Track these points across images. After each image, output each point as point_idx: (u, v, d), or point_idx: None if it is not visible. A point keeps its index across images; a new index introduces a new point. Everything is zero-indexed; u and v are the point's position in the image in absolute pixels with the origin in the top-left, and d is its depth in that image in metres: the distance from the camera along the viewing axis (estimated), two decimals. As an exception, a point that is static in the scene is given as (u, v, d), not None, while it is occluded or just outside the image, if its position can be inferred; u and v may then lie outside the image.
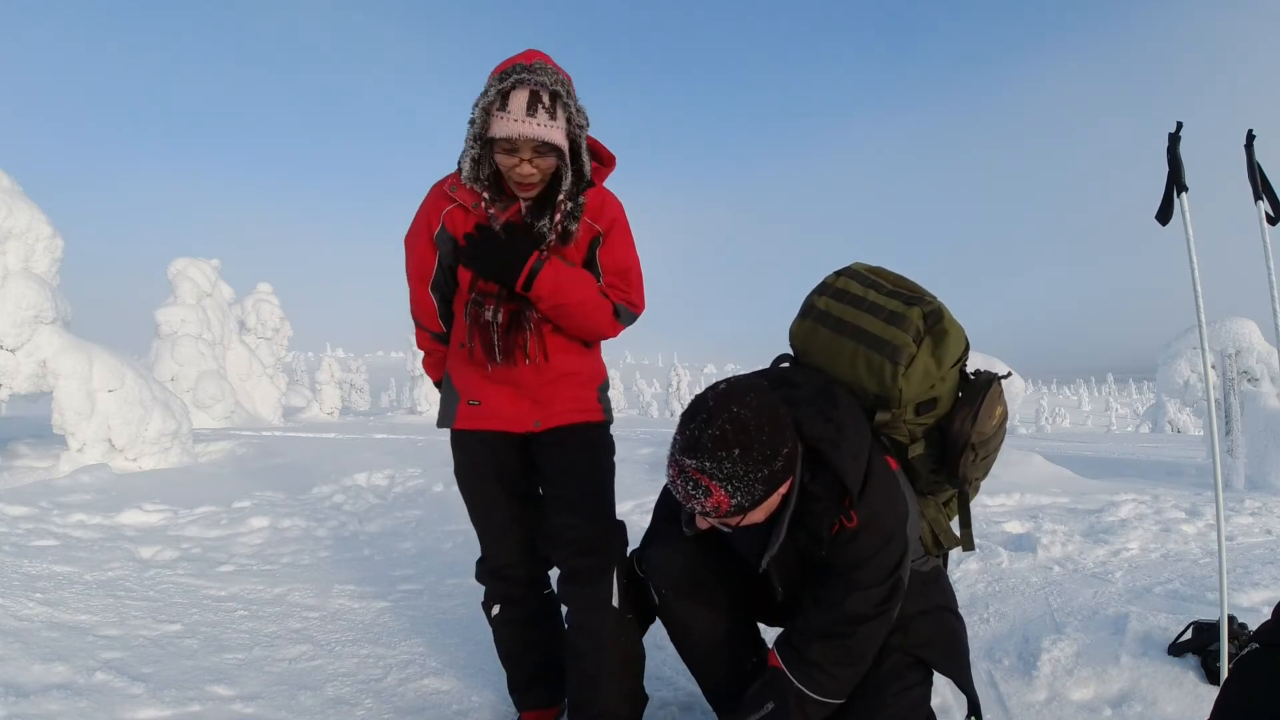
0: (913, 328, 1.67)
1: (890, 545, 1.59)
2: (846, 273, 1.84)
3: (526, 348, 1.89)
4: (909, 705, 1.65)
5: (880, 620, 1.61)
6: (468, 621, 3.00)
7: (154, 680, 2.37)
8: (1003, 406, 1.77)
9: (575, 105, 1.80)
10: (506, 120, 1.72)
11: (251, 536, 4.54)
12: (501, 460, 2.02)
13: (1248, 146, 2.29)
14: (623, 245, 1.98)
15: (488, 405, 1.98)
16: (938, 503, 1.86)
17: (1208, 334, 2.37)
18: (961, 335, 1.73)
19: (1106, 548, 4.12)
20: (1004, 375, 1.81)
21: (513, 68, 1.74)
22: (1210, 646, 2.33)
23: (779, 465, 1.51)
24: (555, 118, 1.74)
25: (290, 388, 24.15)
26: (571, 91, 1.80)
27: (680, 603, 1.86)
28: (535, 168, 1.78)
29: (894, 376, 1.66)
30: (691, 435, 1.51)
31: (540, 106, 1.72)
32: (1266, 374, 8.63)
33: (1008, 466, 7.21)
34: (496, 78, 1.75)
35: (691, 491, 1.51)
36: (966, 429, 1.69)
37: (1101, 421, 47.07)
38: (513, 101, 1.72)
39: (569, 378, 1.99)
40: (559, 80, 1.76)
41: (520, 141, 1.74)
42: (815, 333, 1.78)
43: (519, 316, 1.89)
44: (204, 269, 17.71)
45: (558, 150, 1.78)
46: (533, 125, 1.71)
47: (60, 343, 7.57)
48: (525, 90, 1.71)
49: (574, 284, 1.88)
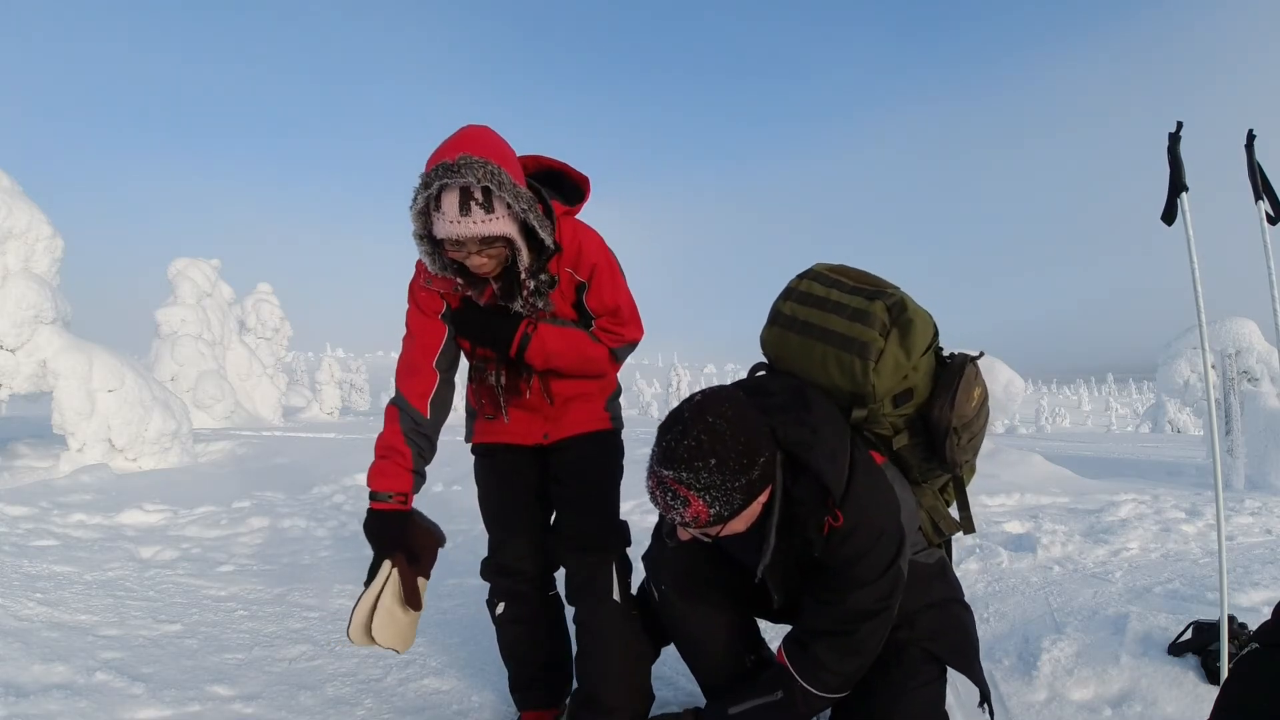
0: (878, 322, 1.68)
1: (883, 539, 1.60)
2: (809, 275, 1.85)
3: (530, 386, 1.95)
4: (927, 702, 1.65)
5: (883, 615, 1.62)
6: (468, 621, 3.00)
7: (154, 680, 2.37)
8: (981, 387, 1.78)
9: (511, 192, 1.68)
10: (443, 222, 1.67)
11: (251, 536, 4.54)
12: (516, 464, 2.08)
13: (1248, 146, 2.29)
14: (609, 287, 1.95)
15: (500, 421, 2.04)
16: (934, 490, 1.87)
17: (1208, 334, 2.37)
18: (928, 322, 1.75)
19: (1106, 548, 4.12)
20: (977, 356, 1.81)
21: (435, 170, 1.64)
22: (1210, 646, 2.33)
23: (756, 474, 1.52)
24: (492, 210, 1.67)
25: (290, 388, 24.15)
26: (505, 179, 1.67)
27: (681, 599, 1.87)
28: (487, 257, 1.76)
29: (865, 372, 1.67)
30: (667, 446, 1.52)
31: (474, 203, 1.64)
32: (1266, 374, 8.64)
33: (1008, 466, 7.21)
34: (422, 183, 1.67)
35: (670, 502, 1.53)
36: (946, 414, 1.71)
37: (1101, 421, 47.07)
38: (445, 203, 1.65)
39: (578, 397, 2.04)
40: (488, 172, 1.65)
41: (464, 240, 1.70)
42: (785, 338, 1.80)
43: (518, 374, 1.95)
44: (204, 269, 17.71)
45: (506, 238, 1.73)
46: (469, 224, 1.66)
47: (60, 343, 7.57)
48: (454, 191, 1.64)
49: (565, 345, 1.90)
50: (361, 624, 1.77)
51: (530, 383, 1.96)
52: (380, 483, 1.86)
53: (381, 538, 1.85)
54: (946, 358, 1.81)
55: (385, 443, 1.88)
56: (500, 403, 1.98)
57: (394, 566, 1.81)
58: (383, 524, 1.85)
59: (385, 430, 1.89)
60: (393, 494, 1.85)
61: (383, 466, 1.86)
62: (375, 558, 1.85)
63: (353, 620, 1.77)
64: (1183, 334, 12.26)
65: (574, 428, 2.03)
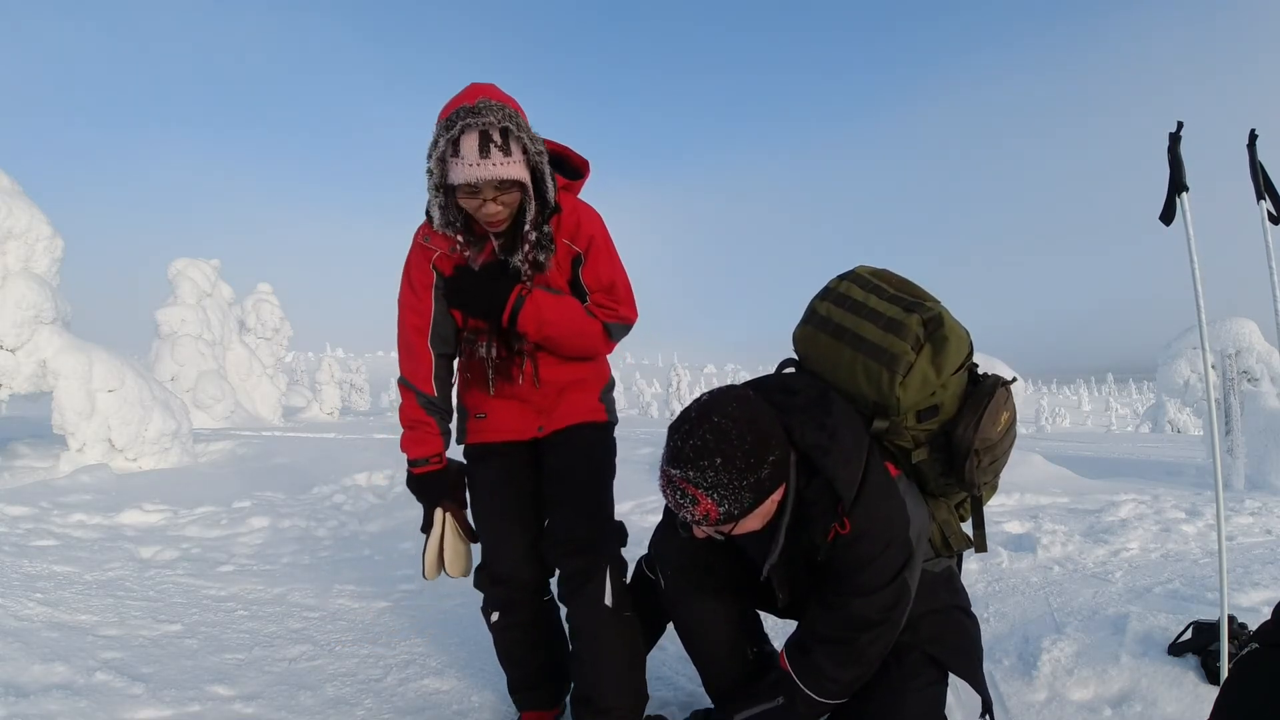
0: (911, 335, 1.65)
1: (890, 550, 1.59)
2: (849, 277, 1.82)
3: (522, 370, 1.95)
4: (927, 703, 1.65)
5: (885, 626, 1.61)
6: (468, 622, 3.00)
7: (154, 680, 2.37)
8: (1009, 412, 1.75)
9: (528, 134, 1.77)
10: (462, 165, 1.70)
11: (251, 536, 4.54)
12: (509, 470, 2.06)
13: (1250, 146, 2.29)
14: (605, 261, 1.97)
15: (493, 418, 2.05)
16: (949, 505, 1.84)
17: (1208, 334, 2.37)
18: (964, 341, 1.72)
19: (1106, 548, 4.12)
20: (1010, 380, 1.78)
21: (456, 112, 1.71)
22: (1210, 646, 2.33)
23: (765, 473, 1.52)
24: (510, 153, 1.72)
25: (290, 388, 24.15)
26: (522, 122, 1.76)
27: (685, 587, 1.87)
28: (501, 204, 1.78)
29: (891, 385, 1.64)
30: (675, 445, 1.53)
31: (493, 145, 1.69)
32: (1266, 374, 8.64)
33: (1008, 466, 7.16)
34: (443, 125, 1.72)
35: (680, 500, 1.53)
36: (970, 435, 1.67)
37: (1101, 421, 47.07)
38: (464, 146, 1.69)
39: (572, 386, 2.04)
40: (506, 114, 1.72)
41: (480, 184, 1.73)
42: (816, 338, 1.78)
43: (511, 348, 1.94)
44: (204, 269, 17.72)
45: (520, 183, 1.78)
46: (489, 166, 1.70)
47: (60, 343, 7.57)
48: (474, 133, 1.69)
49: (559, 314, 1.90)
50: (434, 563, 2.03)
51: (523, 366, 1.95)
52: (417, 450, 2.02)
53: (431, 495, 2.04)
54: (980, 376, 1.77)
55: (409, 416, 2.03)
56: (489, 379, 1.96)
57: (445, 512, 2.05)
58: (428, 484, 2.04)
59: (405, 404, 2.03)
60: (429, 458, 2.03)
61: (414, 436, 2.02)
62: (426, 510, 2.05)
63: (425, 563, 2.03)
64: (1183, 334, 12.27)
65: (568, 418, 2.03)
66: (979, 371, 1.80)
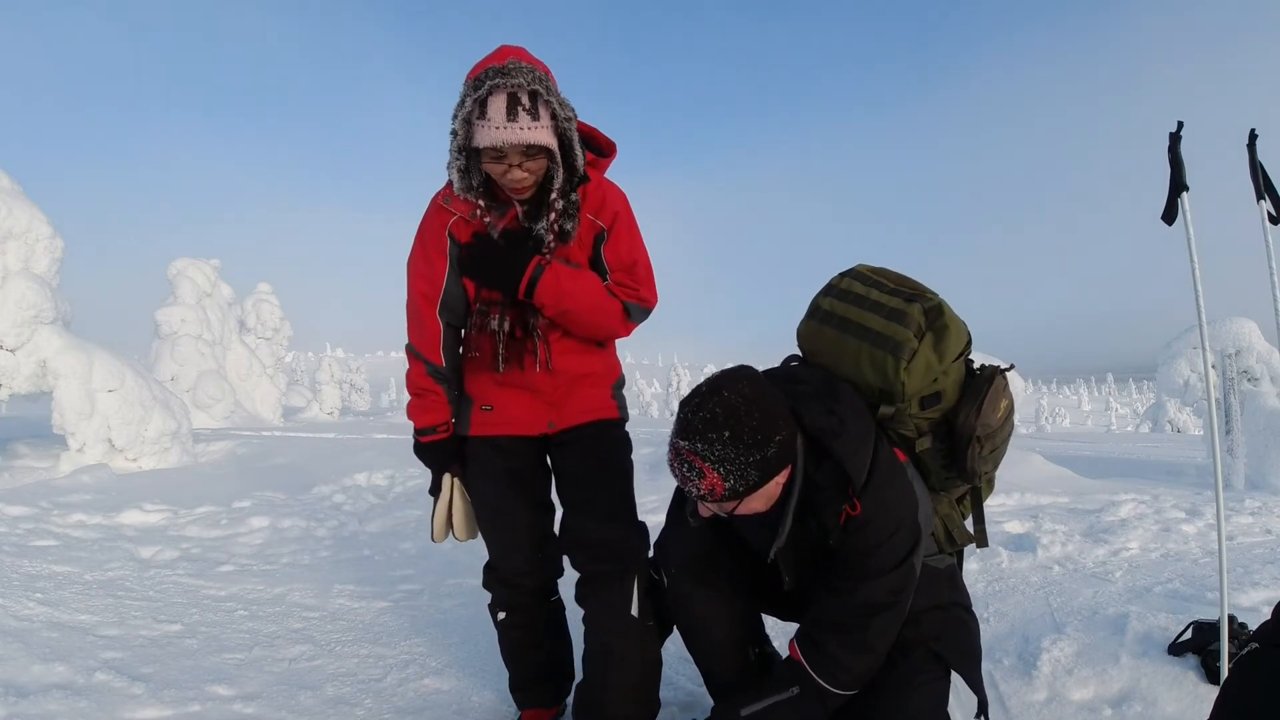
0: (914, 323, 1.70)
1: (900, 532, 1.62)
2: (850, 274, 1.87)
3: (536, 354, 1.88)
4: (931, 698, 1.66)
5: (893, 610, 1.63)
6: (468, 621, 3.00)
7: (154, 680, 2.37)
8: (1008, 399, 1.79)
9: (558, 99, 1.71)
10: (488, 128, 1.64)
11: (251, 536, 4.54)
12: (515, 466, 2.00)
13: (1250, 146, 2.29)
14: (628, 239, 1.91)
15: (500, 410, 1.97)
16: (951, 500, 1.87)
17: (1208, 334, 2.37)
18: (963, 330, 1.76)
19: (1106, 547, 4.12)
20: (1007, 368, 1.83)
21: (485, 72, 1.64)
22: (1210, 646, 2.33)
23: (771, 451, 1.54)
24: (538, 117, 1.66)
25: (290, 388, 24.16)
26: (551, 86, 1.69)
27: (688, 583, 1.88)
28: (526, 171, 1.72)
29: (896, 370, 1.69)
30: (685, 418, 1.56)
31: (520, 109, 1.63)
32: (1266, 374, 8.63)
33: (1008, 466, 7.18)
34: (471, 84, 1.66)
35: (687, 473, 1.56)
36: (971, 421, 1.72)
37: (1101, 421, 47.07)
38: (491, 108, 1.63)
39: (584, 379, 1.97)
40: (536, 77, 1.66)
41: (506, 148, 1.67)
42: (821, 332, 1.81)
43: (525, 323, 1.87)
44: (204, 269, 17.71)
45: (547, 150, 1.71)
46: (515, 130, 1.63)
47: (60, 343, 7.57)
48: (503, 94, 1.63)
49: (578, 287, 1.83)
50: (442, 527, 2.05)
51: (535, 351, 1.87)
52: (424, 418, 1.98)
53: (439, 462, 2.03)
54: (976, 369, 1.82)
55: (416, 384, 1.98)
56: (499, 355, 1.87)
57: (454, 477, 2.05)
58: (435, 452, 2.02)
59: (412, 371, 1.98)
60: (437, 426, 1.99)
61: (421, 404, 1.98)
62: (434, 477, 2.05)
63: (434, 526, 2.05)
64: (1183, 334, 12.25)
65: (580, 415, 1.96)
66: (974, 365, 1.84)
